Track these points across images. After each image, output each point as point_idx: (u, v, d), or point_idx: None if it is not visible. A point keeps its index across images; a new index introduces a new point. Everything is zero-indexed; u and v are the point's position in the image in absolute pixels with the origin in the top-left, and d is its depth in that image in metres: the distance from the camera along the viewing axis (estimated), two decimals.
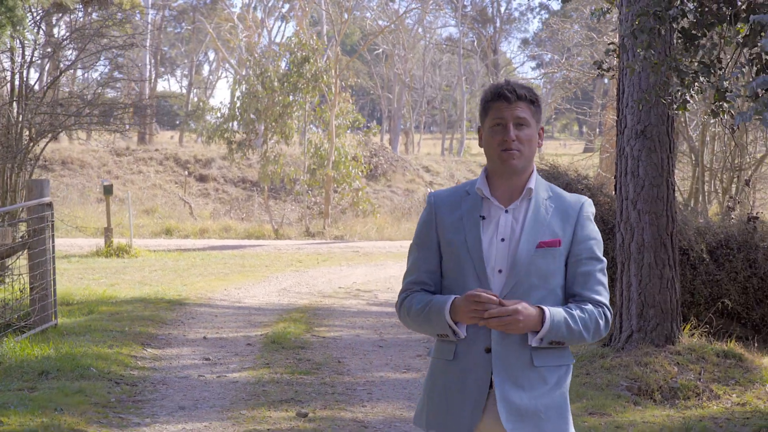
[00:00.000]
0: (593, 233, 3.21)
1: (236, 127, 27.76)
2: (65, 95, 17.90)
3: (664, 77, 7.40)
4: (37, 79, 18.87)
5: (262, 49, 39.58)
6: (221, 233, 26.09)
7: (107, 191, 19.83)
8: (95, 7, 17.65)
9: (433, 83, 56.67)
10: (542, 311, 3.08)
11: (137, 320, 10.55)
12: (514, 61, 65.74)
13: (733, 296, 9.64)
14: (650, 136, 8.35)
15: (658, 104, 8.15)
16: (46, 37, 17.64)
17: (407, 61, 47.79)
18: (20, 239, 10.63)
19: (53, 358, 8.18)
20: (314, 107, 28.08)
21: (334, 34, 33.52)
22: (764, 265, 9.70)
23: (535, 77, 61.37)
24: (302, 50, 26.96)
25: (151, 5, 40.45)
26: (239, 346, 9.63)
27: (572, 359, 3.22)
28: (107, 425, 6.46)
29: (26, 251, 9.89)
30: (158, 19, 48.02)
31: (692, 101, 7.83)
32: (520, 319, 3.03)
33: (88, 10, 18.44)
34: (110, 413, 6.77)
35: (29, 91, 14.37)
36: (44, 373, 7.70)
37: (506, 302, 3.04)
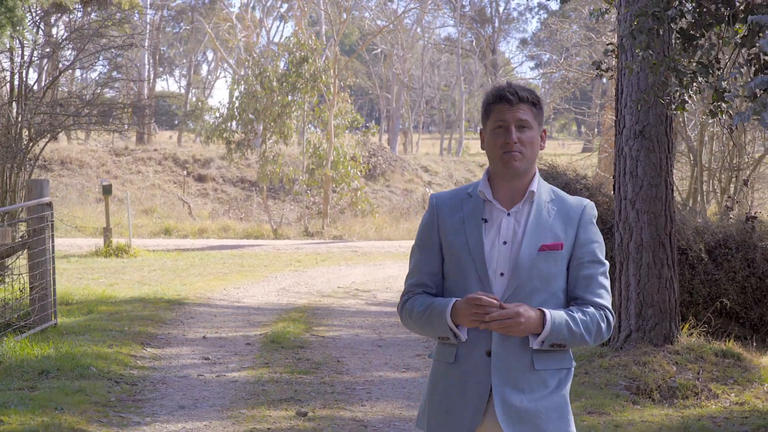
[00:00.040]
0: (595, 236, 3.20)
1: (235, 127, 27.74)
2: (64, 95, 17.93)
3: (662, 77, 7.42)
4: (36, 79, 18.85)
5: (260, 49, 39.63)
6: (220, 233, 26.10)
7: (106, 191, 19.84)
8: (94, 7, 17.66)
9: (431, 83, 56.64)
10: (543, 314, 3.07)
11: (137, 320, 10.57)
12: (512, 61, 65.83)
13: (731, 296, 9.66)
14: (649, 136, 8.37)
15: (656, 104, 8.17)
16: (45, 37, 17.65)
17: (406, 61, 47.77)
18: (20, 239, 10.65)
19: (53, 357, 8.20)
20: (313, 107, 28.08)
21: (332, 33, 33.51)
22: (762, 264, 9.72)
23: (533, 77, 61.36)
24: (301, 50, 26.95)
25: (149, 5, 40.41)
26: (238, 345, 9.65)
27: (573, 363, 3.21)
28: (107, 424, 6.47)
29: (26, 251, 9.91)
30: (157, 19, 47.99)
31: (691, 101, 7.85)
32: (521, 321, 3.02)
33: (87, 10, 18.44)
34: (110, 412, 6.79)
35: (28, 91, 14.37)
36: (44, 372, 7.72)
37: (507, 305, 3.03)
